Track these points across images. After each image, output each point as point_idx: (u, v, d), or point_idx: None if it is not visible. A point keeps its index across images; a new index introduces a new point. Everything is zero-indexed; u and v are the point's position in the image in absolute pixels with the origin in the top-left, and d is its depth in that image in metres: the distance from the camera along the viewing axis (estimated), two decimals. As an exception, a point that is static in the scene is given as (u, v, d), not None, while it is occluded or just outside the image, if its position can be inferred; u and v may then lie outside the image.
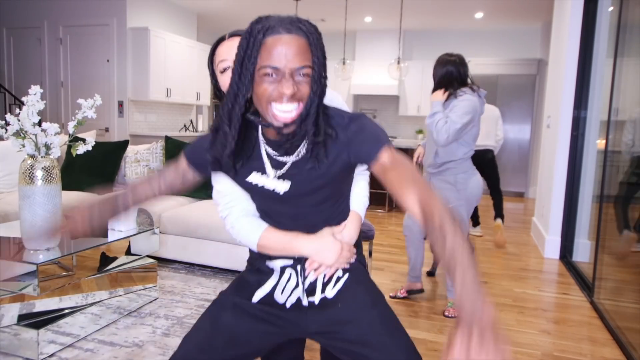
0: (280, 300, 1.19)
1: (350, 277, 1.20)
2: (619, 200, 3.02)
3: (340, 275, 1.19)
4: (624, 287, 2.77)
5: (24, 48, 6.79)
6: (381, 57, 8.16)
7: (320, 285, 1.18)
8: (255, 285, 1.20)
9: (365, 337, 1.11)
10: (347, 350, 1.13)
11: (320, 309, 1.18)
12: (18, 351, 2.21)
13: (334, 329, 1.14)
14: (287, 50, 0.93)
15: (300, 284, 1.18)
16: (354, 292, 1.17)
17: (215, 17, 7.89)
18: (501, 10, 6.76)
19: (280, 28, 0.94)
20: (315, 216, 1.15)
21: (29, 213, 2.15)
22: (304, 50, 0.94)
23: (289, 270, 1.19)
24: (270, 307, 1.18)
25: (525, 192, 7.66)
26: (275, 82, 0.94)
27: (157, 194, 1.19)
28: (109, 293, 2.83)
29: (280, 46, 0.93)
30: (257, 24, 0.97)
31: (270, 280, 1.20)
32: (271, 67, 0.93)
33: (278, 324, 1.18)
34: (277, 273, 1.20)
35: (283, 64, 0.93)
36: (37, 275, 2.05)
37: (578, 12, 3.97)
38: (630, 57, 3.04)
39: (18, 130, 2.09)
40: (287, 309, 1.19)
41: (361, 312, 1.14)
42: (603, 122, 3.69)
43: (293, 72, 0.94)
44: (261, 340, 1.16)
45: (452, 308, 2.83)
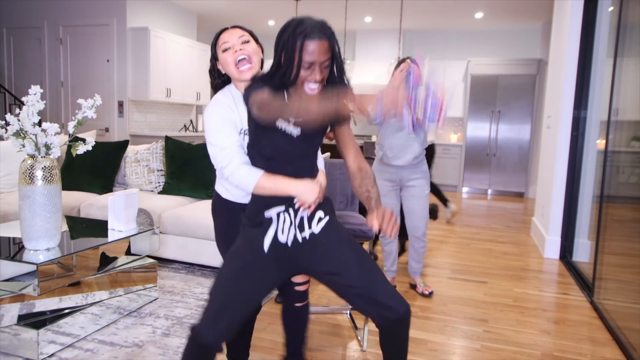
0: (282, 240, 1.54)
1: (329, 220, 1.59)
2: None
3: (322, 217, 1.58)
4: (624, 287, 2.77)
5: (24, 48, 6.79)
6: (381, 57, 8.16)
7: (307, 222, 1.56)
8: (261, 236, 1.53)
9: (343, 265, 1.53)
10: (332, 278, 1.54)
11: (311, 245, 1.56)
12: (18, 351, 2.21)
13: (322, 259, 1.55)
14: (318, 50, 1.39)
15: (293, 220, 1.54)
16: (334, 231, 1.59)
17: (215, 17, 7.89)
18: (501, 10, 6.77)
19: (314, 34, 1.39)
20: (308, 159, 1.58)
21: (29, 213, 2.15)
22: (327, 49, 1.41)
23: (283, 215, 1.53)
24: (277, 251, 1.54)
25: (525, 192, 7.66)
26: (309, 70, 1.41)
27: None
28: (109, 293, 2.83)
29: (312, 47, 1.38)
30: (298, 27, 1.39)
31: (272, 227, 1.53)
32: (308, 62, 1.39)
33: (284, 264, 1.56)
34: (275, 219, 1.54)
35: (315, 59, 1.39)
36: (37, 275, 2.05)
37: (578, 12, 3.97)
38: (630, 57, 3.04)
39: (18, 130, 2.09)
40: (289, 247, 1.55)
41: (341, 246, 1.57)
42: (603, 122, 3.69)
43: (321, 64, 1.41)
44: (275, 281, 1.57)
45: (427, 286, 3.28)
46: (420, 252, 3.23)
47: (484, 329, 2.71)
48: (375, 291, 1.50)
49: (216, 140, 1.60)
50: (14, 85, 6.83)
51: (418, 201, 3.09)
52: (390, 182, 3.10)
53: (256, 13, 7.50)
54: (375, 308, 1.50)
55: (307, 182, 1.52)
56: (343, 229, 1.63)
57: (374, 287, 1.51)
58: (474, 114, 7.71)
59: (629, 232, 2.86)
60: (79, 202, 3.58)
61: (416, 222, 3.14)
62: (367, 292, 1.50)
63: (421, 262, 3.27)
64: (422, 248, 3.22)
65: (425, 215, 3.14)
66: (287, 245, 1.55)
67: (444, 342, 2.53)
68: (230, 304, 1.48)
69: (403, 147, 3.01)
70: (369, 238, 2.40)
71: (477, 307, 3.02)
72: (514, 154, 7.59)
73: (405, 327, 1.55)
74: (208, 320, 1.46)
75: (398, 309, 1.50)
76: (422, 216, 3.12)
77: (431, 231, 5.07)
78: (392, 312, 1.50)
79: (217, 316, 1.46)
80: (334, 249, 1.56)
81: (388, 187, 3.12)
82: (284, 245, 1.54)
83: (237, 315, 1.49)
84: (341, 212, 2.69)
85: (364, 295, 1.51)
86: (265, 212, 1.53)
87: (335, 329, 2.62)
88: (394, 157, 3.02)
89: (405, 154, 3.00)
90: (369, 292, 1.50)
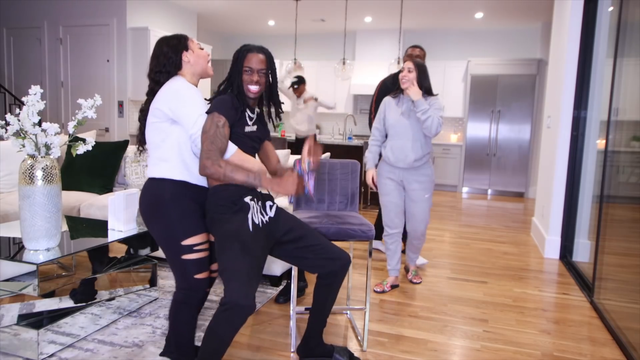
0: (257, 221, 1.92)
1: (277, 206, 2.06)
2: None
3: (271, 204, 2.03)
4: (624, 287, 2.77)
5: (24, 48, 6.79)
6: (381, 57, 8.15)
7: (263, 209, 1.98)
8: (245, 220, 1.88)
9: (303, 230, 2.04)
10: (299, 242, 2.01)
11: (273, 223, 2.00)
12: (18, 351, 2.21)
13: (288, 230, 2.01)
14: (256, 60, 1.97)
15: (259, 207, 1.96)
16: (283, 212, 2.08)
17: (215, 17, 7.89)
18: (501, 10, 6.76)
19: (254, 49, 1.98)
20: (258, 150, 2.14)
21: (29, 213, 2.15)
22: (263, 61, 1.98)
23: (252, 202, 1.94)
24: (256, 230, 1.90)
25: (525, 192, 7.66)
26: (249, 74, 1.97)
27: None
28: (109, 293, 2.83)
29: (253, 58, 1.97)
30: (243, 47, 1.99)
31: (249, 215, 1.90)
32: (248, 67, 1.96)
33: (265, 238, 1.93)
34: (250, 205, 1.92)
35: (253, 67, 1.96)
36: (37, 275, 2.05)
37: (578, 12, 3.97)
38: (630, 57, 3.04)
39: (18, 130, 2.09)
40: (261, 227, 1.94)
41: (294, 219, 2.07)
42: (603, 122, 3.69)
43: (258, 71, 1.96)
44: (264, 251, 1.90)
45: (418, 275, 3.43)
46: (418, 247, 3.36)
47: (484, 329, 2.71)
48: (329, 247, 2.03)
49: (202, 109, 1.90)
50: (14, 85, 6.83)
51: (418, 205, 3.11)
52: (392, 181, 3.13)
53: (256, 13, 7.49)
54: (330, 260, 2.02)
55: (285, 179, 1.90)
56: (285, 210, 2.13)
57: (326, 244, 2.03)
58: (474, 114, 7.71)
59: (629, 232, 2.86)
60: (79, 202, 3.58)
61: (415, 226, 3.18)
62: (323, 249, 2.01)
63: (417, 253, 3.42)
64: (420, 244, 3.34)
65: (425, 219, 3.16)
66: (259, 225, 1.93)
67: (444, 342, 2.53)
68: (252, 270, 1.75)
69: (404, 150, 3.03)
70: (369, 238, 2.40)
71: (477, 307, 3.02)
72: (514, 154, 7.59)
73: (345, 272, 2.07)
74: (244, 287, 1.67)
75: (344, 257, 2.04)
76: (421, 220, 3.16)
77: (431, 231, 5.07)
78: (341, 261, 2.03)
79: (249, 282, 1.71)
80: (291, 221, 2.04)
81: (391, 185, 3.14)
82: (257, 226, 1.91)
83: (259, 277, 1.81)
84: (341, 212, 2.69)
85: (321, 251, 2.01)
86: (245, 198, 1.91)
87: (335, 329, 2.63)
88: (395, 159, 3.06)
89: (406, 156, 3.03)
90: (324, 248, 2.01)
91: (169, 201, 1.89)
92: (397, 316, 2.84)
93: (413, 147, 3.02)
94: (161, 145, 1.93)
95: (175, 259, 1.92)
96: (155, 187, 1.93)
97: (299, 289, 3.05)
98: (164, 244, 1.93)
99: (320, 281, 2.10)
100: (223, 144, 1.84)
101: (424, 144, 3.05)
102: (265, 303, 2.95)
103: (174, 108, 1.88)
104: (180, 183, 1.92)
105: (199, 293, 2.00)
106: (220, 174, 1.81)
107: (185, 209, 1.90)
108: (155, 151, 1.96)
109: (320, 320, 2.18)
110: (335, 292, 2.12)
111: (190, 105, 1.89)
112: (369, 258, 2.42)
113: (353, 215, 2.61)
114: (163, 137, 1.92)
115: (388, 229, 3.19)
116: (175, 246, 1.90)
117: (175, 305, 2.00)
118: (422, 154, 3.05)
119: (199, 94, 1.94)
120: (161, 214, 1.90)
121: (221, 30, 9.04)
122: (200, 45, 2.06)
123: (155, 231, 1.94)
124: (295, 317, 2.42)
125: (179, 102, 1.88)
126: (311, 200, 2.70)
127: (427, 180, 3.10)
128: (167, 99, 1.90)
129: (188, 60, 2.00)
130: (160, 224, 1.91)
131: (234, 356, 2.29)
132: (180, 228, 1.89)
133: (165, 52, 1.98)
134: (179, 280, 1.97)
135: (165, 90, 1.92)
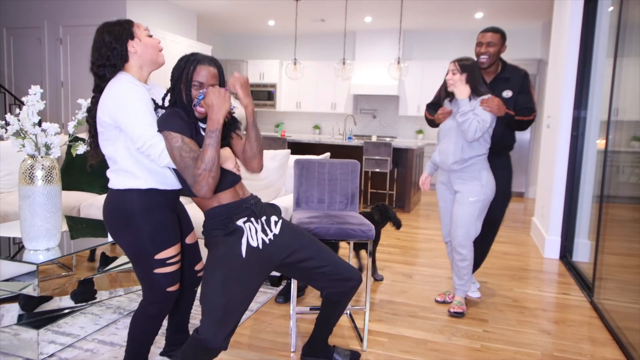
0: (254, 244, 1.76)
1: (283, 221, 1.89)
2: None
3: (277, 220, 1.87)
4: (624, 287, 2.77)
5: (24, 48, 6.79)
6: (381, 57, 8.16)
7: (266, 226, 1.82)
8: (237, 243, 1.73)
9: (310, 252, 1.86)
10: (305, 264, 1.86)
11: (277, 243, 1.82)
12: (18, 351, 2.21)
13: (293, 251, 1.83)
14: (207, 74, 1.73)
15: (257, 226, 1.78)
16: (290, 228, 1.89)
17: (215, 17, 7.89)
18: (501, 10, 6.76)
19: (205, 61, 1.73)
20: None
21: (29, 213, 2.15)
22: (215, 75, 1.75)
23: (248, 223, 1.77)
24: (252, 253, 1.74)
25: (525, 192, 7.66)
26: (199, 90, 1.72)
27: None
28: (109, 293, 2.83)
29: (203, 71, 1.72)
30: (191, 56, 1.74)
31: (243, 239, 1.74)
32: (198, 82, 1.72)
33: (261, 264, 1.78)
34: (243, 227, 1.75)
35: (204, 81, 1.72)
36: (37, 275, 2.05)
37: (578, 12, 3.97)
38: (630, 57, 3.04)
39: (18, 130, 2.09)
40: (261, 250, 1.77)
41: (302, 237, 1.89)
42: (603, 122, 3.69)
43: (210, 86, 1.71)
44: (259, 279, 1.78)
45: (458, 305, 2.89)
46: (458, 265, 2.89)
47: (484, 329, 2.71)
48: (339, 267, 1.90)
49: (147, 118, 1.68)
50: (14, 85, 6.83)
51: (459, 207, 2.83)
52: (443, 184, 2.97)
53: (256, 13, 7.49)
54: (342, 282, 1.90)
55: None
56: (295, 224, 1.99)
57: (337, 264, 1.90)
58: (474, 114, 7.70)
59: (629, 232, 2.86)
60: (79, 202, 3.58)
61: (453, 230, 2.86)
62: (333, 270, 1.88)
63: (462, 279, 2.90)
64: (460, 261, 2.87)
65: (465, 225, 2.80)
66: (258, 248, 1.77)
67: (444, 342, 2.53)
68: (230, 307, 1.65)
69: (446, 152, 2.85)
70: (369, 238, 2.40)
71: (477, 307, 3.02)
72: (514, 154, 7.55)
73: (355, 290, 1.97)
74: (215, 326, 1.60)
75: (356, 277, 1.93)
76: (459, 224, 2.82)
77: (431, 231, 5.07)
78: (352, 282, 1.92)
79: (222, 321, 1.63)
80: (298, 240, 1.87)
81: (442, 189, 3.00)
82: (256, 249, 1.76)
83: (239, 316, 1.69)
84: (341, 212, 2.69)
85: (331, 272, 1.88)
86: (237, 221, 1.75)
87: (335, 329, 2.62)
88: (440, 161, 2.90)
89: (447, 158, 2.83)
90: (334, 269, 1.88)
91: (139, 215, 1.72)
92: (397, 316, 2.84)
93: (454, 150, 2.80)
94: (117, 157, 1.74)
95: (145, 273, 1.77)
96: (121, 199, 1.74)
97: (299, 288, 3.05)
98: (133, 257, 1.77)
99: (328, 297, 2.02)
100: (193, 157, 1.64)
101: (466, 147, 2.76)
102: (265, 303, 2.95)
103: (116, 118, 1.67)
104: (148, 192, 1.74)
105: (170, 305, 1.86)
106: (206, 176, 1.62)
107: (157, 222, 1.75)
108: (113, 164, 1.77)
109: (327, 329, 2.16)
110: (343, 307, 2.05)
111: (133, 116, 1.65)
112: (369, 258, 2.41)
113: (353, 215, 2.61)
114: (116, 148, 1.73)
115: (445, 238, 3.08)
116: (147, 261, 1.75)
117: (142, 317, 1.85)
118: (463, 157, 2.77)
119: (144, 96, 1.70)
120: (132, 228, 1.73)
121: (221, 30, 9.04)
122: (149, 32, 1.82)
123: (124, 244, 1.77)
124: (295, 317, 2.42)
125: (119, 110, 1.65)
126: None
127: (474, 182, 2.79)
128: (107, 107, 1.68)
129: (135, 51, 1.76)
130: (129, 237, 1.74)
131: (234, 356, 2.29)
132: (153, 243, 1.73)
133: (107, 42, 1.72)
134: (149, 294, 1.81)
135: (105, 95, 1.70)
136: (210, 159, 1.61)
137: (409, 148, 6.19)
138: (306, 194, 2.73)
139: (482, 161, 2.81)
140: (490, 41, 2.90)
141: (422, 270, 3.73)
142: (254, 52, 9.48)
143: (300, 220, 2.41)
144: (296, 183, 2.73)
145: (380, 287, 3.33)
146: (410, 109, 8.29)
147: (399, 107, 8.45)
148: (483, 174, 2.80)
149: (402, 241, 4.61)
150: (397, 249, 4.32)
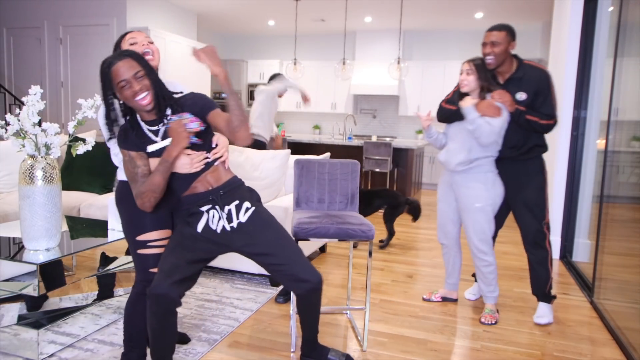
0: (213, 227, 1.87)
1: (255, 209, 1.90)
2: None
3: (249, 206, 1.89)
4: (624, 287, 2.77)
5: (24, 48, 6.79)
6: (381, 57, 8.16)
7: (235, 214, 1.87)
8: (196, 221, 1.87)
9: (269, 247, 1.87)
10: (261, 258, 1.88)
11: (240, 232, 1.87)
12: (18, 351, 2.21)
13: (251, 243, 1.87)
14: (124, 67, 1.68)
15: (221, 214, 1.86)
16: (260, 218, 1.90)
17: (215, 17, 7.89)
18: (501, 10, 6.76)
19: (116, 59, 1.69)
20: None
21: (29, 213, 2.15)
22: (132, 64, 1.69)
23: (212, 211, 1.86)
24: (208, 232, 1.87)
25: (525, 192, 7.65)
26: (128, 88, 1.69)
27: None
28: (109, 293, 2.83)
29: (121, 69, 1.68)
30: (103, 64, 1.71)
31: (203, 218, 1.87)
32: (121, 81, 1.68)
33: (217, 244, 1.89)
34: (205, 214, 1.86)
35: (125, 77, 1.68)
36: (37, 275, 2.05)
37: (578, 12, 3.97)
38: (630, 57, 3.04)
39: (18, 130, 2.09)
40: (218, 233, 1.87)
41: (267, 231, 1.89)
42: (603, 122, 3.69)
43: (134, 77, 1.69)
44: (207, 254, 1.90)
45: (489, 314, 2.80)
46: (483, 271, 2.80)
47: (484, 329, 2.71)
48: (297, 268, 1.87)
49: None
50: (14, 85, 6.83)
51: (466, 215, 2.76)
52: (446, 185, 2.90)
53: (256, 13, 7.49)
54: (296, 282, 1.88)
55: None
56: (269, 215, 1.95)
57: (295, 265, 1.87)
58: (474, 114, 7.71)
59: (629, 232, 2.86)
60: (79, 202, 3.58)
61: (468, 240, 2.80)
62: (289, 269, 1.87)
63: (490, 284, 2.81)
64: (484, 267, 2.78)
65: (478, 232, 2.74)
66: (216, 231, 1.88)
67: (444, 342, 2.53)
68: (178, 264, 1.79)
69: (450, 152, 2.80)
70: (369, 238, 2.40)
71: (477, 307, 3.02)
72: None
73: (318, 294, 1.96)
74: (162, 276, 1.74)
75: (313, 280, 1.88)
76: (472, 233, 2.75)
77: (431, 231, 5.07)
78: (309, 284, 1.88)
79: (170, 272, 1.76)
80: (262, 233, 1.88)
81: (443, 190, 2.93)
82: (213, 231, 1.88)
83: (185, 273, 1.80)
84: (341, 212, 2.69)
85: (287, 272, 1.87)
86: (199, 207, 1.86)
87: (335, 329, 2.63)
88: (444, 161, 2.84)
89: (452, 159, 2.77)
90: (291, 269, 1.87)
91: (123, 202, 2.01)
92: (397, 316, 2.84)
93: (459, 151, 2.75)
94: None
95: (132, 252, 2.02)
96: (116, 188, 2.09)
97: (299, 289, 3.05)
98: (125, 237, 2.05)
99: (297, 301, 2.02)
100: (137, 172, 1.79)
101: (472, 148, 2.69)
102: (265, 303, 2.95)
103: None
104: (124, 183, 2.02)
105: None
106: (149, 196, 1.77)
107: (133, 209, 1.94)
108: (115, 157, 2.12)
109: (307, 330, 2.14)
110: (311, 309, 2.05)
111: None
112: (369, 258, 2.41)
113: (353, 215, 2.60)
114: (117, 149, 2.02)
115: (440, 239, 3.04)
116: (130, 240, 2.00)
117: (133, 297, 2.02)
118: (467, 158, 2.70)
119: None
120: (120, 212, 2.03)
121: (221, 30, 9.04)
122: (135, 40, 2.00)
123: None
124: (295, 317, 2.42)
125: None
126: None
127: (478, 187, 2.71)
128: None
129: None
130: (121, 220, 2.05)
131: (234, 356, 2.29)
132: (132, 226, 1.98)
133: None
134: (138, 273, 2.02)
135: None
136: (156, 184, 1.76)
137: (409, 148, 6.19)
138: (306, 194, 2.73)
139: (488, 163, 2.72)
140: (494, 40, 2.67)
141: (422, 270, 3.73)
142: (254, 52, 9.48)
143: (300, 220, 2.41)
144: (296, 183, 2.73)
145: (380, 287, 3.33)
146: (410, 109, 8.29)
147: (399, 107, 8.45)
148: (489, 177, 2.72)
149: (402, 241, 4.62)
150: (397, 249, 4.32)
